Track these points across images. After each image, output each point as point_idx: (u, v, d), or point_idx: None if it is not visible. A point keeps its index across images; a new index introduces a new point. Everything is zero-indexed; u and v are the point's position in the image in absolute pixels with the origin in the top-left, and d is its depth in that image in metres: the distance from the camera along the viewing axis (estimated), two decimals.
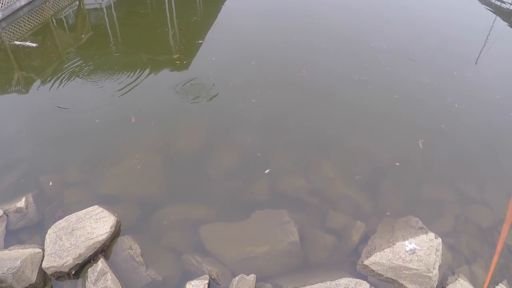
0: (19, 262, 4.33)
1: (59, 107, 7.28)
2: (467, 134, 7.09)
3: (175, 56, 9.19)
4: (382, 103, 7.64)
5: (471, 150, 6.79)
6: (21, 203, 5.30)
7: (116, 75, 8.37)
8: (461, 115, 7.52)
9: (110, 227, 4.79)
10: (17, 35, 10.48)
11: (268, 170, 6.00)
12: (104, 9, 12.46)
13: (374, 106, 7.47)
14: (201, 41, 9.93)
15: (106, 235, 4.71)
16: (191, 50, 9.60)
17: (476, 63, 9.53)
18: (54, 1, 12.48)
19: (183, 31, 10.79)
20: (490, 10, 13.86)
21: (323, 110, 7.36)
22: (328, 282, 4.42)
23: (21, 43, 9.92)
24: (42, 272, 4.56)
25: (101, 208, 5.05)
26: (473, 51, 10.10)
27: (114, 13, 12.21)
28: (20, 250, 4.62)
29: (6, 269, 4.27)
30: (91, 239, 4.64)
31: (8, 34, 10.46)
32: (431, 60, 9.33)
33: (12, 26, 10.81)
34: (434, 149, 6.61)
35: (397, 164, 6.24)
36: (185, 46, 9.89)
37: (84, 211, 5.02)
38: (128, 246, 4.79)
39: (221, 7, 12.60)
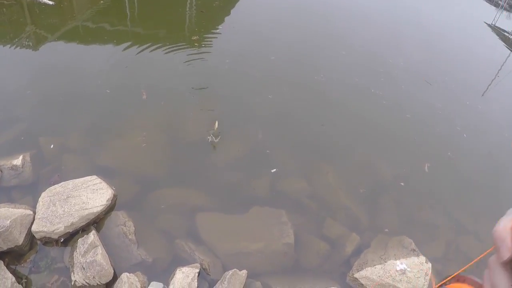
0: (8, 221, 4.17)
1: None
2: (471, 166, 7.08)
3: (194, 38, 8.97)
4: (394, 120, 7.61)
5: (472, 182, 6.80)
6: (17, 161, 5.14)
7: (130, 46, 8.19)
8: (469, 146, 7.53)
9: (107, 200, 4.68)
10: None
11: (275, 170, 5.89)
12: None
13: (387, 122, 7.43)
14: (221, 27, 9.75)
15: (101, 207, 4.60)
16: (210, 34, 9.42)
17: (482, 95, 9.49)
18: None
19: (204, 13, 10.59)
20: (506, 46, 13.89)
21: (336, 117, 7.29)
22: None
23: None
24: (30, 235, 4.43)
25: (99, 179, 4.92)
26: (484, 83, 10.08)
27: None
28: (10, 209, 4.46)
29: None
30: (86, 209, 4.52)
31: None
32: (444, 85, 9.28)
33: None
34: (438, 175, 6.58)
35: (402, 184, 6.19)
36: (204, 29, 9.66)
37: (81, 179, 4.89)
38: (122, 222, 4.68)
39: None
